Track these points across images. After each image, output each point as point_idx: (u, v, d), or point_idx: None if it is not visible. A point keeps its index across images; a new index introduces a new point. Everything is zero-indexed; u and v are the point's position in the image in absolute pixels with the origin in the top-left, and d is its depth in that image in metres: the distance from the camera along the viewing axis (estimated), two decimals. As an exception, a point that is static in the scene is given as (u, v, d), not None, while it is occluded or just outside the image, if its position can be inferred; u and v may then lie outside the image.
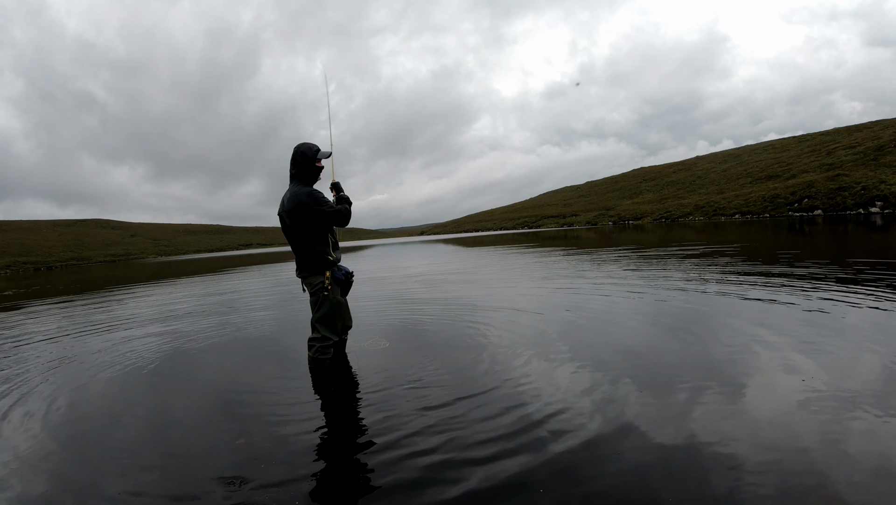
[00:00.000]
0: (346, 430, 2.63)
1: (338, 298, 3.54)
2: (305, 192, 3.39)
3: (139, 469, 2.29)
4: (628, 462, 2.05)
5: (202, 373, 3.98)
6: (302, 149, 3.49)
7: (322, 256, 3.46)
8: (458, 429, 2.47)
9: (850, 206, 34.57)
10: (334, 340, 3.59)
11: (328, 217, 3.40)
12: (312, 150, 3.50)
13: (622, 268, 9.43)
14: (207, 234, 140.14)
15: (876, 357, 3.13)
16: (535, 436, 2.34)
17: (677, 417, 2.43)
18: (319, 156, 3.52)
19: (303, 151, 3.48)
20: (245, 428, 2.68)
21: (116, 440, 2.65)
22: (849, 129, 65.46)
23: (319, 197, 3.41)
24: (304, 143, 3.54)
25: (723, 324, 4.26)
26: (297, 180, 3.49)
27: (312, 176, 3.52)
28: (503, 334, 4.45)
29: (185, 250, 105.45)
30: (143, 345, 5.10)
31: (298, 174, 3.48)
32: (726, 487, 1.83)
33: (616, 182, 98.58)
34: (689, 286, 6.42)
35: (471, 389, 3.03)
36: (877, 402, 2.45)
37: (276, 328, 5.71)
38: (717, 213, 49.03)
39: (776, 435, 2.20)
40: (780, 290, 5.63)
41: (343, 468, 2.22)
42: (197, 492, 2.06)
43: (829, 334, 3.69)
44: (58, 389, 3.70)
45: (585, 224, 65.12)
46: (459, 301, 6.62)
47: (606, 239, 23.72)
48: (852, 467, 1.91)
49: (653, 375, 3.06)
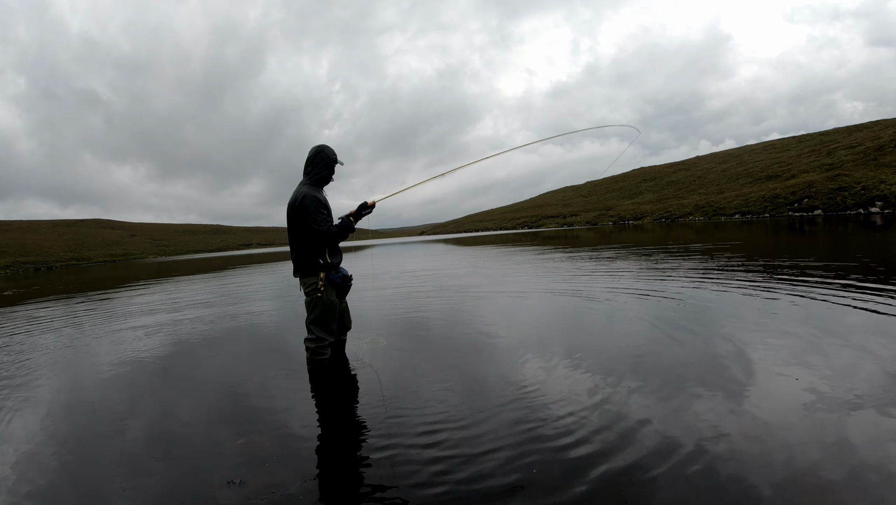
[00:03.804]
0: (345, 430, 2.64)
1: (331, 300, 3.54)
2: (311, 196, 3.41)
3: (139, 469, 2.29)
4: (628, 463, 2.05)
5: (202, 372, 3.98)
6: (327, 152, 3.55)
7: (315, 258, 3.47)
8: (459, 428, 2.47)
9: (850, 206, 34.57)
10: (330, 341, 3.60)
11: (314, 233, 3.41)
12: (333, 157, 3.56)
13: (622, 267, 9.43)
14: (207, 234, 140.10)
15: (877, 357, 3.13)
16: (537, 436, 2.33)
17: (679, 418, 2.43)
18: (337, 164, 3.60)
19: (327, 155, 3.54)
20: (245, 428, 2.68)
21: (117, 440, 2.65)
22: (849, 129, 65.44)
23: (318, 209, 3.42)
24: (327, 147, 3.59)
25: (725, 323, 4.26)
26: (309, 179, 3.53)
27: (325, 180, 3.58)
28: (503, 333, 4.45)
29: (184, 250, 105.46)
30: (143, 344, 5.10)
31: (313, 173, 3.53)
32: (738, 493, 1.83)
33: (616, 182, 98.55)
34: (690, 286, 6.42)
35: (471, 388, 3.03)
36: (879, 401, 2.45)
37: (276, 328, 5.71)
38: (717, 213, 49.03)
39: (776, 435, 2.20)
40: (780, 290, 5.63)
41: (343, 468, 2.22)
42: (197, 492, 2.06)
43: (830, 334, 3.69)
44: (57, 388, 3.70)
45: (585, 224, 65.12)
46: (459, 299, 6.62)
47: (606, 238, 23.72)
48: (861, 470, 1.91)
49: (656, 376, 3.05)
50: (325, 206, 3.51)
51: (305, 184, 3.51)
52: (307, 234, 3.43)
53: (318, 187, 3.54)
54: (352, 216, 3.55)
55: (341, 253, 3.67)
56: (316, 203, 3.41)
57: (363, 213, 3.58)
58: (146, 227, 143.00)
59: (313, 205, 3.39)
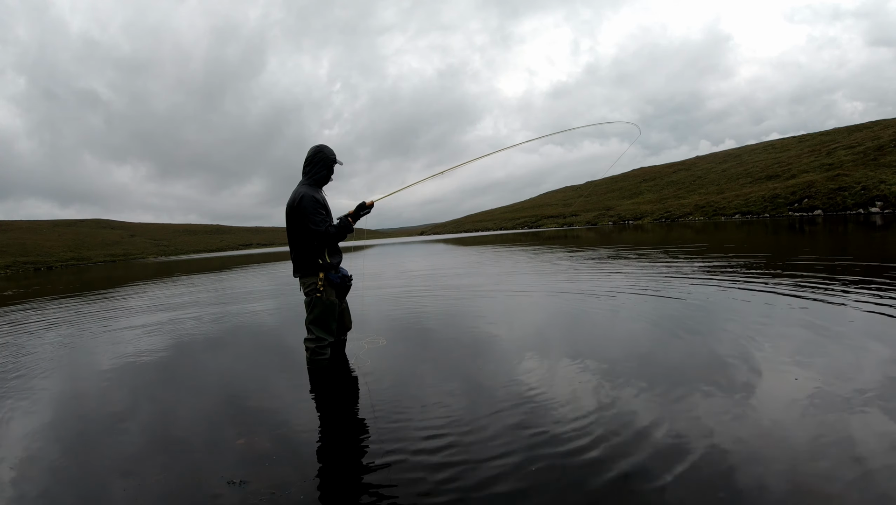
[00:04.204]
0: (345, 430, 2.64)
1: (331, 300, 3.54)
2: (309, 196, 3.42)
3: (139, 469, 2.29)
4: (635, 468, 2.05)
5: (202, 372, 3.98)
6: (326, 152, 3.56)
7: (315, 258, 3.47)
8: (459, 428, 2.47)
9: (850, 206, 34.56)
10: (330, 341, 3.59)
11: (311, 234, 3.40)
12: (332, 157, 3.57)
13: (622, 266, 9.43)
14: (207, 234, 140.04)
15: (878, 357, 3.13)
16: (537, 436, 2.33)
17: (685, 421, 2.43)
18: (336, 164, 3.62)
19: (326, 154, 3.55)
20: (245, 428, 2.68)
21: (116, 440, 2.65)
22: (849, 128, 65.39)
23: (316, 209, 3.41)
24: (326, 146, 3.60)
25: (728, 322, 4.26)
26: (308, 179, 3.54)
27: (324, 179, 3.59)
28: (505, 332, 4.45)
29: (184, 250, 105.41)
30: (142, 344, 5.10)
31: (312, 173, 3.54)
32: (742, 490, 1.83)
33: (616, 182, 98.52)
34: (690, 285, 6.42)
35: (473, 390, 3.03)
36: (881, 401, 2.45)
37: (275, 327, 5.71)
38: (717, 213, 49.01)
39: (779, 435, 2.20)
40: (780, 289, 5.63)
41: (343, 469, 2.22)
42: (197, 492, 2.05)
43: (832, 333, 3.69)
44: (57, 387, 3.70)
45: (585, 224, 65.09)
46: (459, 298, 6.62)
47: (606, 239, 23.72)
48: (862, 469, 1.91)
49: (661, 378, 3.05)
50: (324, 207, 3.51)
51: (304, 184, 3.51)
52: (306, 235, 3.43)
53: (316, 187, 3.54)
54: (350, 216, 3.54)
55: (341, 253, 3.67)
56: (314, 203, 3.41)
57: (361, 214, 3.57)
58: (146, 227, 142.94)
59: (311, 205, 3.39)
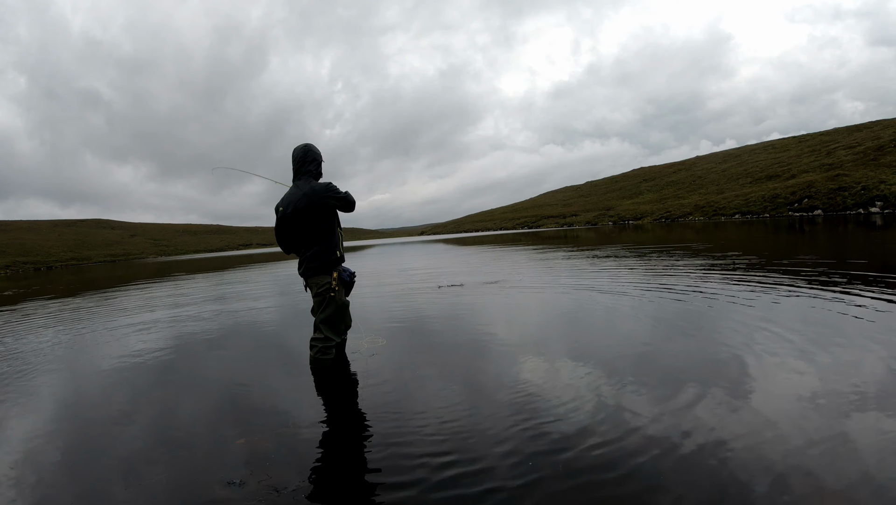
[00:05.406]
0: (345, 430, 2.63)
1: (343, 300, 3.57)
2: (323, 185, 3.55)
3: (139, 469, 2.28)
4: (636, 468, 2.05)
5: (202, 371, 3.97)
6: (315, 149, 3.69)
7: (331, 253, 3.51)
8: (460, 429, 2.46)
9: (850, 206, 34.56)
10: (337, 341, 3.60)
11: (341, 199, 3.55)
12: (320, 155, 3.71)
13: (622, 266, 9.42)
14: (207, 234, 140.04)
15: (878, 357, 3.13)
16: (538, 436, 2.33)
17: (687, 422, 2.43)
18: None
19: (317, 151, 3.69)
20: (245, 428, 2.67)
21: (116, 439, 2.64)
22: (849, 128, 65.41)
23: (328, 185, 3.57)
24: (312, 144, 3.71)
25: (729, 322, 4.26)
26: (307, 177, 3.60)
27: (319, 175, 3.70)
28: (505, 331, 4.45)
29: (184, 250, 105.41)
30: (142, 343, 5.09)
31: (311, 171, 3.62)
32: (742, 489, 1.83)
33: (616, 182, 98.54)
34: (691, 285, 6.42)
35: (471, 388, 3.03)
36: (881, 400, 2.45)
37: (276, 326, 5.70)
38: (717, 213, 49.02)
39: (779, 434, 2.19)
40: (780, 289, 5.63)
41: (343, 469, 2.22)
42: (197, 492, 2.05)
43: (832, 334, 3.69)
44: (57, 386, 3.70)
45: (585, 224, 65.11)
46: (459, 297, 6.61)
47: (606, 238, 23.71)
48: (862, 468, 1.91)
49: (662, 378, 3.04)
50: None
51: (307, 182, 3.58)
52: (327, 224, 3.50)
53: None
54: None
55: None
56: (330, 184, 3.56)
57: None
58: (146, 227, 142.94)
59: (324, 186, 3.53)
